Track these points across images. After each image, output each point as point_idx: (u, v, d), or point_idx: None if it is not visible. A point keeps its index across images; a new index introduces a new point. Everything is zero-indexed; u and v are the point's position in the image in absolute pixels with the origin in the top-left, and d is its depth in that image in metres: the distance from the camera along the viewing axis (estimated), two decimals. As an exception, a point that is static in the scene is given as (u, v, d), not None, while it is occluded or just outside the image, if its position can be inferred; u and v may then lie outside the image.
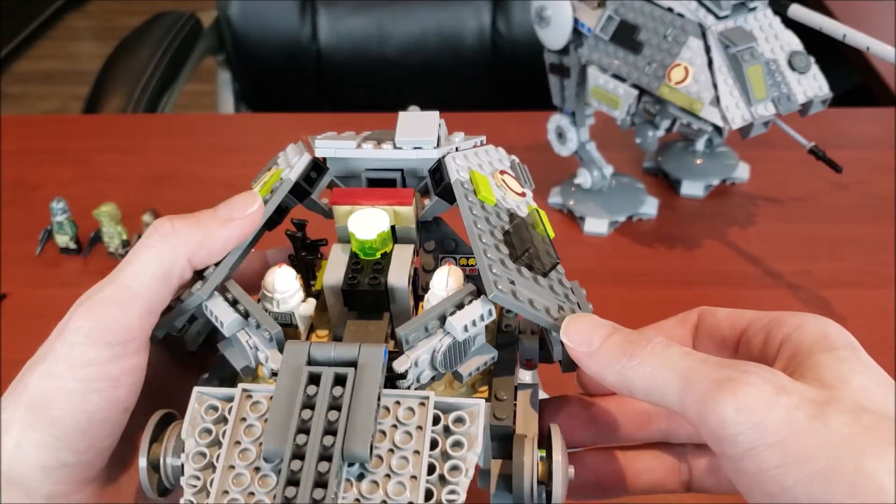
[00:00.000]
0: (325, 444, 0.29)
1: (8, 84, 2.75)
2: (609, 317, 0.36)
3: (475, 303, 0.34)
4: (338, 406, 0.30)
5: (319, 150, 0.40)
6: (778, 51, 0.67)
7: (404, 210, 0.38)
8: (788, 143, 0.70)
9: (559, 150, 0.83)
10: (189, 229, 0.35)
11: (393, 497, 0.29)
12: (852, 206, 0.84)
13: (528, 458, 0.33)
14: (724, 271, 0.77)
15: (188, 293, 0.35)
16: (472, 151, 0.41)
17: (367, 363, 0.31)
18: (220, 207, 0.36)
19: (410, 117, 0.40)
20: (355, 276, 0.36)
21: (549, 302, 0.35)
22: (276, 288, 0.35)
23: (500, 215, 0.37)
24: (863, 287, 0.74)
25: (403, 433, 0.31)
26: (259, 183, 0.40)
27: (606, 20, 0.71)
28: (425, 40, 1.35)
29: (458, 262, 0.41)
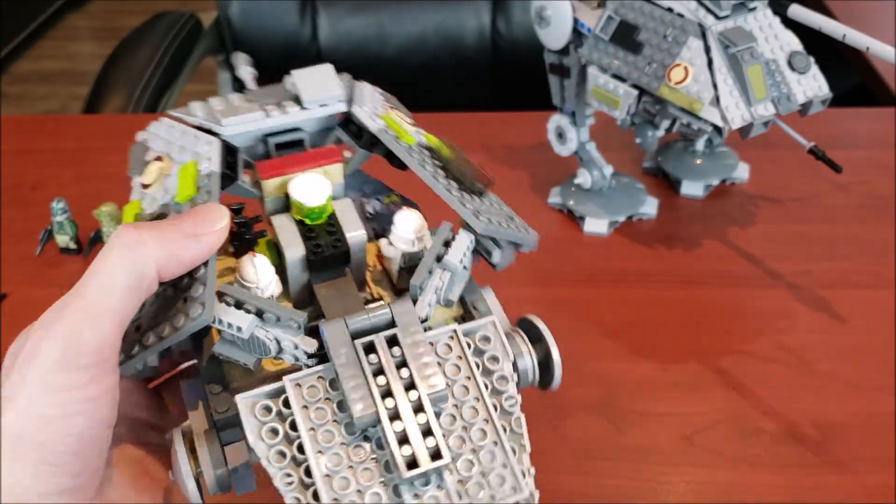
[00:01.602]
0: (412, 398, 0.33)
1: (8, 84, 2.74)
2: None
3: (459, 236, 0.38)
4: (403, 363, 0.33)
5: (229, 128, 0.38)
6: (778, 51, 0.67)
7: (334, 168, 0.39)
8: (788, 143, 0.70)
9: (559, 150, 0.83)
10: (157, 241, 0.33)
11: (469, 420, 0.34)
12: (852, 206, 0.84)
13: (525, 346, 0.38)
14: (724, 271, 0.77)
15: (187, 320, 0.33)
16: (361, 95, 0.41)
17: (404, 319, 0.35)
18: (185, 220, 0.34)
19: (305, 76, 0.40)
20: (317, 244, 0.37)
21: (503, 218, 0.40)
22: (259, 278, 0.36)
23: (421, 152, 0.40)
24: (863, 287, 0.74)
25: (452, 366, 0.35)
26: (148, 175, 0.38)
27: (606, 20, 0.71)
28: (425, 40, 1.35)
29: (382, 202, 0.43)
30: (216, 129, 0.38)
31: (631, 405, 0.65)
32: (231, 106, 0.40)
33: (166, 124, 0.40)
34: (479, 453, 0.33)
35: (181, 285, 0.34)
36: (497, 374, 0.36)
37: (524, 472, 0.34)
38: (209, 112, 0.39)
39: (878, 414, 0.63)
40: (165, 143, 0.39)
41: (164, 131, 0.40)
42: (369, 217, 0.42)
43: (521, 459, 0.34)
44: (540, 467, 0.35)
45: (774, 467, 0.60)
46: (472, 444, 0.34)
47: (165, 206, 0.37)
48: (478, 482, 0.33)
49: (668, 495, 0.59)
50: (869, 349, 0.68)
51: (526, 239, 0.40)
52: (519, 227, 0.40)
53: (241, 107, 0.39)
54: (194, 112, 0.40)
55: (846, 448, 0.61)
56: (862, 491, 0.58)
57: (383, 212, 0.42)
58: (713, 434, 0.63)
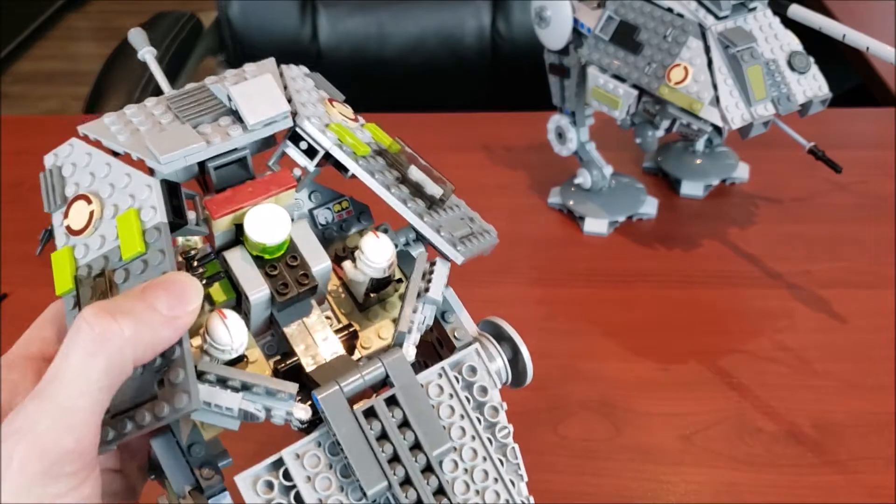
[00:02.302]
0: (419, 461, 0.33)
1: (8, 84, 2.74)
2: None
3: (437, 267, 0.37)
4: (406, 423, 0.33)
5: (167, 165, 0.34)
6: (777, 51, 0.67)
7: (287, 193, 0.36)
8: (788, 143, 0.70)
9: (559, 150, 0.83)
10: (135, 329, 0.29)
11: (470, 462, 0.34)
12: (852, 206, 0.83)
13: (494, 348, 0.38)
14: (724, 271, 0.77)
15: (172, 410, 0.30)
16: (300, 95, 0.38)
17: (398, 372, 0.34)
18: (157, 297, 0.30)
19: (246, 92, 0.35)
20: (283, 282, 0.35)
21: (465, 229, 0.39)
22: (233, 340, 0.33)
23: (376, 159, 0.38)
24: (863, 287, 0.74)
25: (446, 408, 0.35)
26: (76, 219, 0.34)
27: (606, 20, 0.71)
28: (425, 40, 1.35)
29: (332, 210, 0.41)
30: (152, 164, 0.34)
31: (631, 405, 0.65)
32: (158, 127, 0.35)
33: (82, 150, 0.36)
34: (484, 495, 0.34)
35: (153, 366, 0.31)
36: (488, 406, 0.36)
37: (524, 503, 0.35)
38: (135, 137, 0.35)
39: (878, 414, 0.63)
40: (89, 176, 0.35)
41: (82, 159, 0.35)
42: (321, 227, 0.41)
43: (520, 491, 0.35)
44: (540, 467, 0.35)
45: (774, 467, 0.60)
46: (475, 486, 0.34)
47: (106, 260, 0.33)
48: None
49: (668, 495, 0.59)
50: (869, 349, 0.68)
51: (491, 243, 0.39)
52: (481, 231, 0.40)
53: (174, 132, 0.34)
54: (115, 135, 0.35)
55: (846, 448, 0.61)
56: (862, 491, 0.58)
57: (334, 221, 0.41)
58: (713, 434, 0.63)
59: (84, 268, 0.33)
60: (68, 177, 0.35)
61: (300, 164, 0.37)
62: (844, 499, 0.58)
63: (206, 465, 0.34)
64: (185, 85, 0.37)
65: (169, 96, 0.37)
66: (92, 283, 0.32)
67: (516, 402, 0.65)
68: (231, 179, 0.36)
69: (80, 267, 0.33)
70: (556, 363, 0.68)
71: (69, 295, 0.33)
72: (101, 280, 0.32)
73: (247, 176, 0.36)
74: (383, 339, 0.38)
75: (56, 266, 0.34)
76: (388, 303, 0.39)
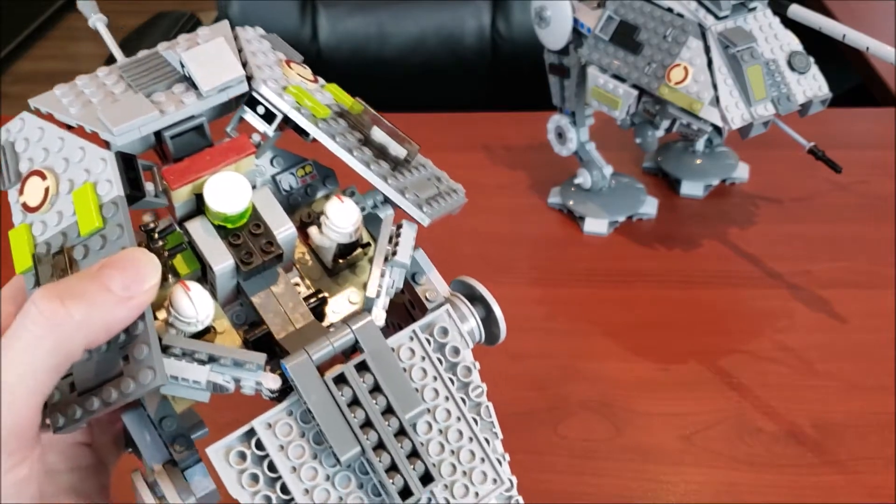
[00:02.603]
0: (392, 425, 0.32)
1: (8, 84, 2.74)
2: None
3: (404, 230, 0.37)
4: (377, 388, 0.33)
5: (121, 137, 0.33)
6: (777, 51, 0.67)
7: (247, 159, 0.35)
8: (788, 143, 0.70)
9: (559, 150, 0.83)
10: (86, 313, 0.29)
11: (444, 423, 0.34)
12: (852, 206, 0.83)
13: (466, 308, 0.38)
14: (724, 271, 0.77)
15: (137, 386, 0.30)
16: (255, 58, 0.37)
17: (368, 337, 0.34)
18: (112, 276, 0.30)
19: (198, 57, 0.34)
20: (247, 251, 0.34)
21: (431, 190, 0.38)
22: (198, 312, 0.33)
23: (338, 121, 0.37)
24: (863, 287, 0.74)
25: (418, 370, 0.35)
26: (32, 196, 0.33)
27: (606, 20, 0.71)
28: (425, 40, 1.35)
29: (296, 175, 0.40)
30: (106, 137, 0.33)
31: (631, 405, 0.65)
32: (111, 98, 0.34)
33: (34, 124, 0.35)
34: (459, 454, 0.34)
35: (117, 342, 0.31)
36: (460, 366, 0.36)
37: (500, 460, 0.35)
38: (87, 109, 0.34)
39: (878, 414, 0.63)
40: (42, 151, 0.34)
41: (34, 134, 0.35)
42: (285, 192, 0.40)
43: (494, 448, 0.35)
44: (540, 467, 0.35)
45: (774, 467, 0.60)
46: (450, 446, 0.34)
47: (64, 237, 0.32)
48: (462, 483, 0.34)
49: (668, 495, 0.59)
50: (869, 349, 0.68)
51: (458, 203, 0.38)
52: (448, 190, 0.39)
53: (127, 102, 0.34)
54: (67, 108, 0.34)
55: (846, 448, 0.61)
56: (862, 491, 0.58)
57: (299, 186, 0.40)
58: (713, 434, 0.63)
59: (42, 245, 0.32)
60: (21, 152, 0.35)
61: (259, 129, 0.36)
62: (844, 499, 0.58)
63: (178, 437, 0.34)
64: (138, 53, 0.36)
65: (121, 65, 0.36)
66: (51, 261, 0.32)
67: (516, 402, 0.65)
68: (189, 147, 0.35)
69: (38, 244, 0.33)
70: (556, 363, 0.68)
71: (29, 273, 0.32)
72: (61, 257, 0.32)
73: (205, 143, 0.35)
74: (354, 303, 0.38)
75: (14, 244, 0.33)
76: (358, 267, 0.39)
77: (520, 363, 0.68)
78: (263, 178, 0.39)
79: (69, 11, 3.16)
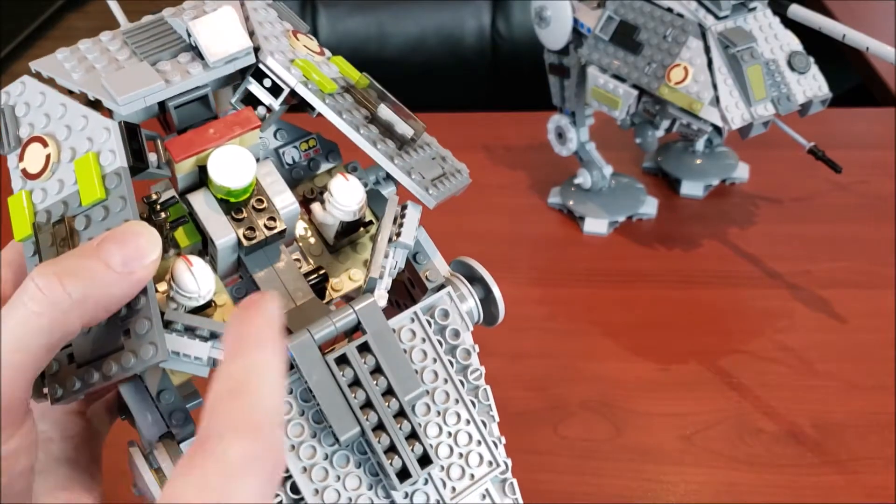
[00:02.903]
0: (392, 407, 0.32)
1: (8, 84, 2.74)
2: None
3: (409, 211, 0.36)
4: (378, 369, 0.33)
5: (125, 106, 0.32)
6: (777, 51, 0.67)
7: (251, 133, 0.34)
8: (788, 143, 0.70)
9: (559, 150, 0.83)
10: (83, 291, 0.28)
11: (442, 405, 0.34)
12: (852, 206, 0.84)
13: (465, 288, 0.38)
14: (724, 271, 0.77)
15: (138, 361, 0.29)
16: (263, 28, 0.36)
17: (370, 319, 0.33)
18: (111, 251, 0.29)
19: (205, 27, 0.33)
20: (249, 226, 0.34)
21: (436, 170, 0.38)
22: (200, 287, 0.32)
23: (344, 96, 0.37)
24: (863, 287, 0.74)
25: (419, 352, 0.35)
26: (32, 162, 0.33)
27: (606, 20, 0.71)
28: (425, 40, 1.35)
29: (299, 149, 0.40)
30: (110, 106, 0.32)
31: (631, 405, 0.65)
32: (115, 65, 0.33)
33: (35, 88, 0.34)
34: (456, 436, 0.34)
35: (118, 315, 0.30)
36: (460, 348, 0.36)
37: (496, 443, 0.35)
38: (90, 75, 0.33)
39: (878, 414, 0.63)
40: (44, 117, 0.33)
41: (35, 98, 0.34)
42: (287, 166, 0.39)
43: (491, 431, 0.35)
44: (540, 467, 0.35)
45: (774, 467, 0.60)
46: (447, 428, 0.34)
47: (65, 206, 0.32)
48: (458, 465, 0.34)
49: (668, 495, 0.59)
50: (869, 349, 0.68)
51: (463, 184, 0.38)
52: (453, 170, 0.38)
53: (132, 70, 0.33)
54: (69, 73, 0.33)
55: (846, 448, 0.61)
56: (862, 491, 0.58)
57: (302, 160, 0.40)
58: (713, 434, 0.63)
59: (43, 213, 0.32)
60: (21, 117, 0.34)
61: (264, 102, 0.35)
62: (844, 499, 0.58)
63: (176, 411, 0.34)
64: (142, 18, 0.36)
65: (125, 30, 0.35)
66: (52, 230, 0.31)
67: (516, 402, 0.65)
68: (193, 118, 0.34)
69: (38, 212, 0.32)
70: (556, 363, 0.68)
71: (28, 241, 0.32)
72: (61, 226, 0.31)
73: (209, 114, 0.35)
74: (354, 280, 0.38)
75: (13, 210, 0.32)
76: (359, 244, 0.39)
77: (520, 363, 0.68)
78: (266, 150, 0.38)
79: (69, 11, 3.16)
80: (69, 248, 0.31)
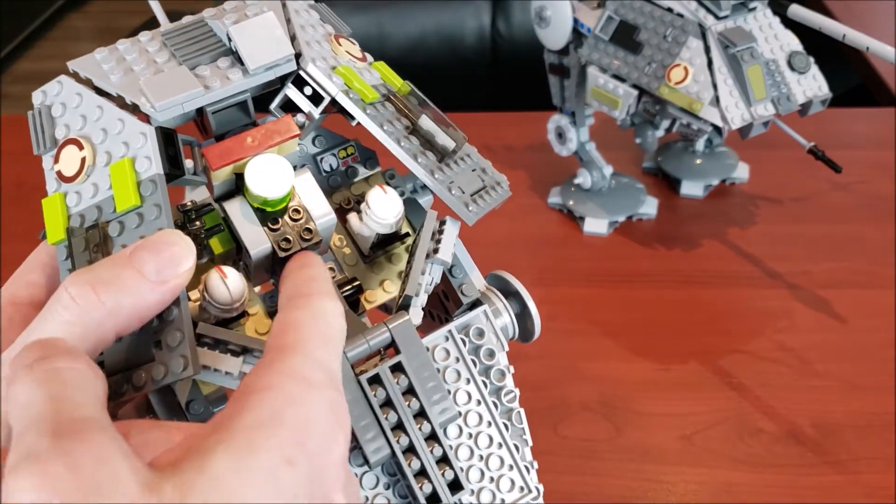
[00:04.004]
0: (424, 429, 0.32)
1: (8, 84, 2.75)
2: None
3: (448, 227, 0.36)
4: (410, 390, 0.33)
5: (164, 111, 0.32)
6: (777, 51, 0.67)
7: (290, 142, 0.34)
8: (788, 143, 0.70)
9: (559, 150, 0.83)
10: (116, 300, 0.28)
11: (475, 428, 0.34)
12: (852, 206, 0.84)
13: (500, 303, 0.38)
14: (724, 271, 0.77)
15: (169, 374, 0.29)
16: (304, 32, 0.36)
17: (404, 338, 0.33)
18: (145, 260, 0.29)
19: (247, 32, 0.33)
20: (285, 237, 0.33)
21: (476, 183, 0.37)
22: (233, 299, 0.32)
23: (385, 106, 0.36)
24: (863, 287, 0.74)
25: (452, 372, 0.35)
26: (68, 165, 0.32)
27: (606, 20, 0.71)
28: (425, 40, 1.35)
29: (337, 156, 0.39)
30: (147, 111, 0.32)
31: (631, 405, 0.65)
32: (154, 67, 0.33)
33: (72, 89, 0.33)
34: (488, 460, 0.34)
35: (150, 326, 0.30)
36: (495, 369, 0.36)
37: (528, 467, 0.35)
38: (128, 77, 0.33)
39: (878, 414, 0.63)
40: (80, 119, 0.33)
41: (72, 99, 0.33)
42: (325, 173, 0.39)
43: (523, 455, 0.35)
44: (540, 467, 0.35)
45: (774, 467, 0.60)
46: (479, 452, 0.34)
47: (99, 211, 0.31)
48: (489, 490, 0.34)
49: (668, 495, 0.59)
50: (869, 349, 0.68)
51: (503, 197, 0.38)
52: (493, 183, 0.38)
53: (171, 75, 0.32)
54: (107, 75, 0.33)
55: (846, 448, 0.61)
56: (862, 491, 0.58)
57: (339, 167, 0.39)
58: (713, 434, 0.63)
59: (76, 217, 0.32)
60: (58, 117, 0.33)
61: (304, 110, 0.35)
62: (844, 499, 0.58)
63: (205, 421, 0.34)
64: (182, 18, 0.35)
65: (164, 31, 0.35)
66: (85, 235, 0.31)
67: (516, 402, 0.65)
68: (230, 123, 0.34)
69: (72, 216, 0.32)
70: (556, 363, 0.68)
71: (61, 245, 0.31)
72: (95, 232, 0.31)
73: (247, 119, 0.34)
74: (388, 292, 0.38)
75: (47, 213, 0.32)
76: (394, 255, 0.38)
77: (520, 363, 0.68)
78: (304, 157, 0.38)
79: (69, 11, 3.16)
80: (102, 254, 0.30)
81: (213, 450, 0.24)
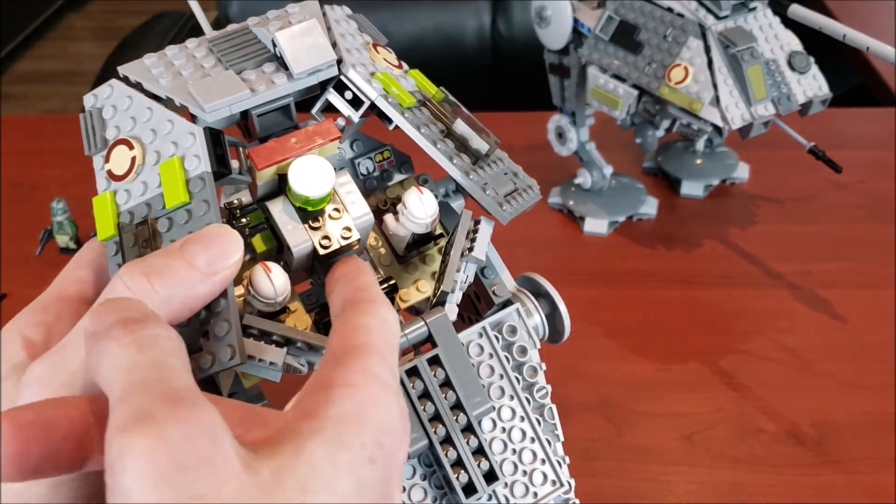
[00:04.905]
0: (460, 421, 0.33)
1: (8, 84, 2.75)
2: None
3: (482, 226, 0.37)
4: (447, 383, 0.34)
5: (212, 114, 0.33)
6: (778, 51, 0.67)
7: (331, 144, 0.35)
8: (788, 143, 0.70)
9: (559, 150, 0.83)
10: (169, 289, 0.28)
11: (508, 422, 0.35)
12: (852, 206, 0.84)
13: (531, 304, 0.39)
14: (724, 271, 0.77)
15: (216, 363, 0.30)
16: (344, 40, 0.37)
17: (441, 332, 0.34)
18: (196, 252, 0.29)
19: (291, 38, 0.34)
20: (325, 235, 0.34)
21: (508, 185, 0.39)
22: (277, 293, 0.33)
23: (421, 110, 0.37)
24: (863, 287, 0.74)
25: (486, 367, 0.36)
26: (118, 164, 0.33)
27: (606, 20, 0.71)
28: (425, 40, 1.35)
29: (374, 160, 0.40)
30: (196, 112, 0.33)
31: (631, 405, 0.65)
32: (201, 72, 0.35)
33: (122, 92, 0.35)
34: (521, 454, 0.35)
35: (197, 317, 0.31)
36: (527, 366, 0.37)
37: (560, 462, 0.36)
38: (177, 81, 0.34)
39: (878, 414, 0.63)
40: (130, 120, 0.34)
41: (122, 102, 0.35)
42: (362, 177, 0.40)
43: (555, 450, 0.36)
44: (540, 467, 0.35)
45: (774, 467, 0.60)
46: (512, 445, 0.35)
47: (149, 207, 0.32)
48: (522, 483, 0.35)
49: (668, 495, 0.59)
50: (869, 349, 0.68)
51: (534, 199, 0.40)
52: (525, 186, 0.40)
53: (218, 78, 0.34)
54: (156, 78, 0.34)
55: (846, 448, 0.61)
56: (862, 491, 0.58)
57: (375, 170, 0.40)
58: (713, 434, 0.63)
59: (126, 214, 0.33)
60: (108, 119, 0.35)
61: (344, 113, 0.36)
62: (844, 499, 0.58)
63: None
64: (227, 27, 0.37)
65: (210, 38, 0.36)
66: (134, 231, 0.32)
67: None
68: (274, 126, 0.35)
69: (121, 213, 0.33)
70: (556, 363, 0.68)
71: (111, 241, 0.33)
72: (144, 228, 0.32)
73: (290, 123, 0.36)
74: (422, 292, 0.38)
75: (98, 210, 0.33)
76: (428, 256, 0.39)
77: (520, 363, 0.68)
78: (343, 160, 0.40)
79: (69, 11, 3.16)
80: (151, 249, 0.31)
81: (308, 437, 0.24)
